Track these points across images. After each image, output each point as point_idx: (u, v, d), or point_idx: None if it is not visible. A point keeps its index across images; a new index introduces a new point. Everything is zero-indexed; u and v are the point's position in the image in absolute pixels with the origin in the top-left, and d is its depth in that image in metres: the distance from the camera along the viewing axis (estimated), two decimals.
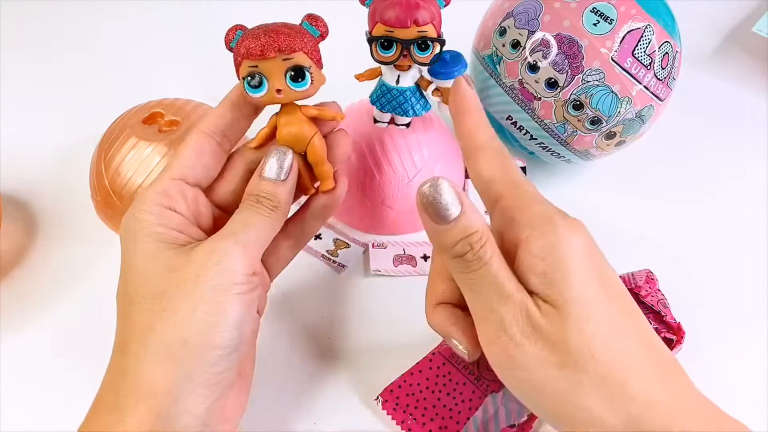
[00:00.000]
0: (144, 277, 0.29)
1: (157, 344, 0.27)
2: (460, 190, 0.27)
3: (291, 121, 0.33)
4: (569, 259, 0.25)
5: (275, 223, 0.32)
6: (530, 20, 0.44)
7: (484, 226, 0.27)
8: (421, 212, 0.27)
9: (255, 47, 0.30)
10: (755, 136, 0.58)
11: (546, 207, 0.27)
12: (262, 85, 0.31)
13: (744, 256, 0.48)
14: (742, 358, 0.42)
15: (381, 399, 0.38)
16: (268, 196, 0.31)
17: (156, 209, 0.30)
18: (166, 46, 0.66)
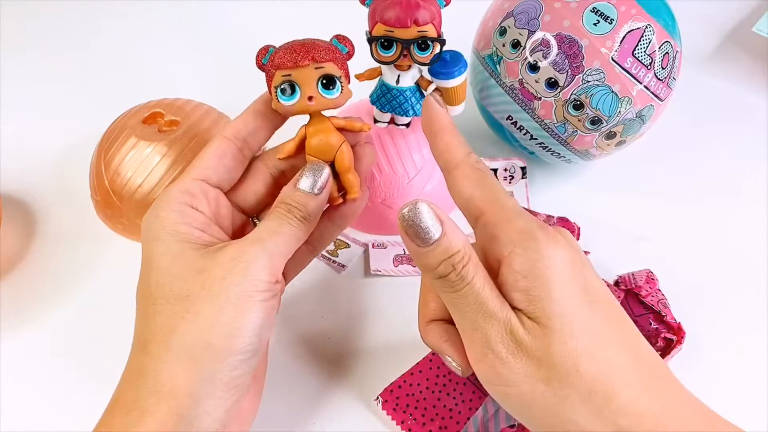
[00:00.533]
0: (168, 277, 0.29)
1: (179, 346, 0.28)
2: (440, 211, 0.27)
3: (320, 130, 0.34)
4: (551, 275, 0.26)
5: (302, 234, 0.32)
6: (530, 20, 0.44)
7: (467, 245, 0.27)
8: (403, 235, 0.27)
9: (290, 57, 0.31)
10: (755, 136, 0.58)
11: (527, 222, 0.27)
12: (295, 93, 0.32)
13: (744, 256, 0.48)
14: (742, 358, 0.42)
15: (381, 399, 0.38)
16: (300, 206, 0.32)
17: (179, 207, 0.31)
18: (166, 46, 0.66)
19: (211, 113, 0.46)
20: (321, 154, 0.34)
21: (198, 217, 0.31)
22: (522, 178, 0.52)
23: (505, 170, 0.53)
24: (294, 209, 0.32)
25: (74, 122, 0.57)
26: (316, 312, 0.44)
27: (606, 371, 0.25)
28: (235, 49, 0.64)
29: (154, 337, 0.28)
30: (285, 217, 0.31)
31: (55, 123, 0.58)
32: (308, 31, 0.65)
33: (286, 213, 0.32)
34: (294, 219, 0.31)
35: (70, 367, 0.41)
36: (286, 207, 0.32)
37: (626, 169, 0.54)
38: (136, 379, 0.28)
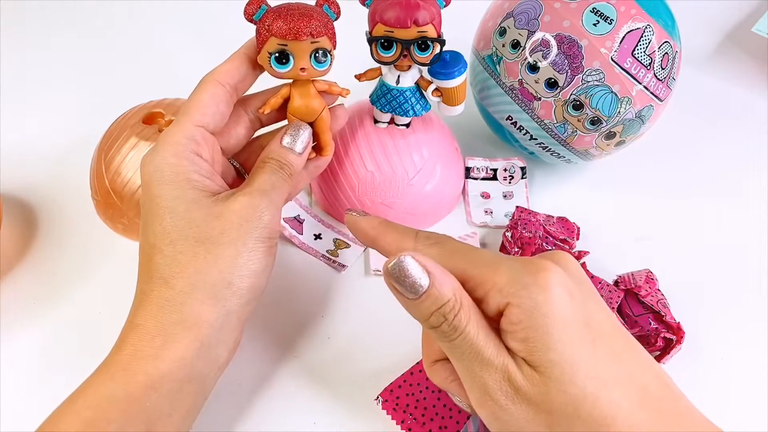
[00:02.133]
0: (186, 221, 0.31)
1: (204, 284, 0.31)
2: (426, 260, 0.26)
3: (304, 94, 0.37)
4: (548, 322, 0.25)
5: (291, 188, 0.36)
6: (530, 20, 0.44)
7: (458, 291, 0.26)
8: (390, 288, 0.27)
9: (289, 29, 0.33)
10: (755, 136, 0.58)
11: (510, 270, 0.26)
12: (288, 62, 0.34)
13: (744, 256, 0.48)
14: (742, 357, 0.42)
15: (381, 399, 0.38)
16: (288, 164, 0.35)
17: (188, 155, 0.33)
18: (167, 45, 0.66)
19: None
20: (303, 116, 0.37)
21: (204, 166, 0.34)
22: (522, 178, 0.52)
23: (505, 170, 0.53)
24: (285, 166, 0.35)
25: (74, 122, 0.57)
26: (316, 312, 0.44)
27: (610, 413, 0.24)
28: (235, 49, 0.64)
29: (178, 274, 0.31)
30: (279, 173, 0.35)
31: (55, 123, 0.58)
32: None
33: (279, 169, 0.35)
34: (285, 174, 0.35)
35: (70, 367, 0.41)
36: (278, 163, 0.35)
37: (626, 169, 0.54)
38: (158, 310, 0.31)
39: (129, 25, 0.69)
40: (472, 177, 0.52)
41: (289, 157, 0.36)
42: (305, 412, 0.39)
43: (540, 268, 0.26)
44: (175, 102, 0.46)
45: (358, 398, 0.40)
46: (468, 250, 0.28)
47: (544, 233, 0.45)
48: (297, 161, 0.36)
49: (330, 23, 0.35)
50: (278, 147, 0.36)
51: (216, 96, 0.35)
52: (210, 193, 0.33)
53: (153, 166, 0.32)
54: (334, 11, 0.35)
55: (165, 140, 0.33)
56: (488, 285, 0.26)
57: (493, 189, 0.52)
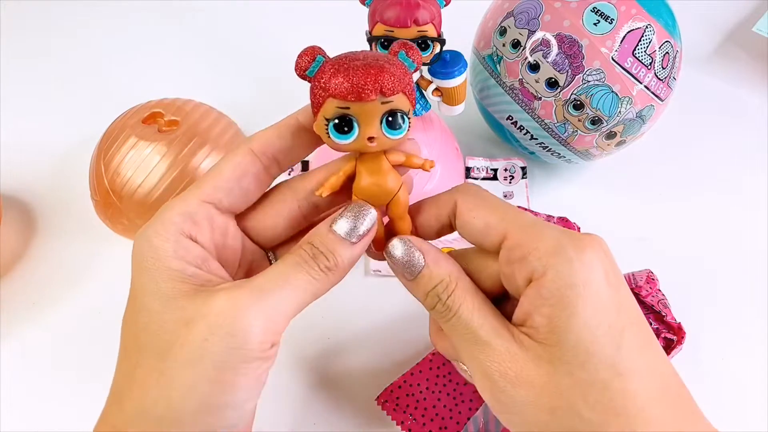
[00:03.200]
0: (157, 324, 0.25)
1: (150, 415, 0.24)
2: (422, 242, 0.27)
3: (375, 170, 0.27)
4: (579, 302, 0.23)
5: (323, 287, 0.26)
6: (530, 20, 0.44)
7: (453, 272, 0.26)
8: (391, 268, 0.27)
9: (351, 87, 0.25)
10: (756, 136, 0.57)
11: (556, 237, 0.25)
12: (352, 130, 0.26)
13: (745, 257, 0.48)
14: (742, 358, 0.42)
15: (381, 399, 0.38)
16: (328, 253, 0.26)
17: (174, 236, 0.26)
18: (166, 45, 0.66)
19: (211, 113, 0.46)
20: (373, 199, 0.28)
21: (194, 251, 0.26)
22: (522, 178, 0.52)
23: (506, 170, 0.53)
24: (320, 255, 0.26)
25: (74, 122, 0.57)
26: (315, 312, 0.44)
27: (621, 403, 0.23)
28: (235, 49, 0.64)
29: (129, 395, 0.25)
30: (305, 264, 0.26)
31: (54, 123, 0.57)
32: (308, 30, 0.66)
33: (309, 258, 0.26)
34: (316, 268, 0.26)
35: (70, 366, 0.41)
36: (312, 250, 0.26)
37: (626, 169, 0.54)
38: (103, 428, 0.26)
39: (129, 24, 0.69)
40: (472, 177, 0.52)
41: (336, 246, 0.26)
42: (305, 413, 0.39)
43: (586, 243, 0.25)
44: (174, 102, 0.46)
45: (358, 399, 0.40)
46: (512, 206, 0.27)
47: None
48: (346, 255, 0.26)
49: (407, 76, 0.26)
50: (323, 230, 0.27)
51: (241, 167, 0.28)
52: (193, 285, 0.25)
53: (136, 247, 0.26)
54: (413, 60, 0.27)
55: (157, 215, 0.27)
56: (528, 247, 0.25)
57: (494, 189, 0.52)
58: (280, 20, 0.66)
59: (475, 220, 0.27)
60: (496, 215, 0.27)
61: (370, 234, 0.27)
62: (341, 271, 0.27)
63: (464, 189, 0.29)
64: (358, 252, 0.27)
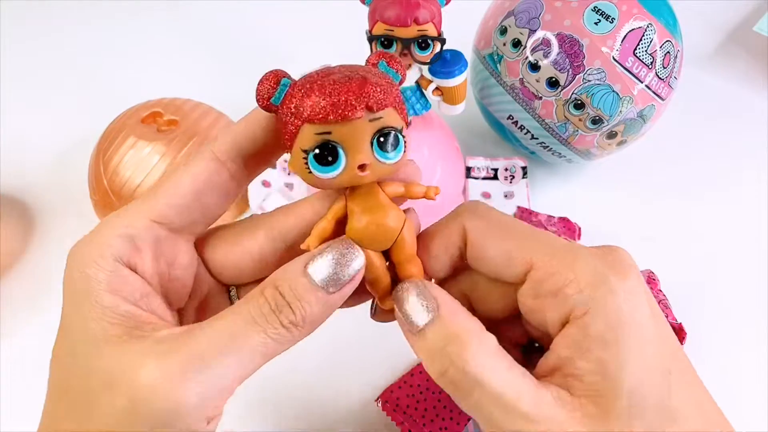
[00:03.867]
0: (80, 375, 0.21)
1: None
2: (437, 289, 0.22)
3: (371, 208, 0.22)
4: (631, 342, 0.20)
5: (281, 348, 0.21)
6: (531, 19, 0.44)
7: (474, 328, 0.21)
8: (396, 316, 0.23)
9: (331, 104, 0.20)
10: (757, 135, 0.57)
11: (593, 264, 0.21)
12: (338, 160, 0.21)
13: (745, 257, 0.48)
14: (743, 358, 0.42)
15: (381, 400, 0.38)
16: (295, 303, 0.21)
17: (110, 264, 0.21)
18: (165, 45, 0.66)
19: (210, 113, 0.46)
20: (373, 243, 0.22)
21: (133, 284, 0.22)
22: (523, 177, 0.52)
23: (506, 170, 0.52)
24: (286, 308, 0.21)
25: (73, 121, 0.57)
26: None
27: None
28: (234, 48, 0.64)
29: None
30: (263, 319, 0.20)
31: (53, 122, 0.57)
32: (308, 30, 0.66)
33: (270, 311, 0.20)
34: (277, 324, 0.20)
35: None
36: (275, 299, 0.21)
37: (627, 169, 0.54)
38: None
39: (128, 24, 0.69)
40: (472, 177, 0.52)
41: (308, 296, 0.21)
42: (305, 414, 0.39)
43: (625, 266, 0.21)
44: (173, 101, 0.46)
45: (358, 399, 0.39)
46: (536, 229, 0.23)
47: None
48: (316, 303, 0.21)
49: (394, 88, 0.22)
50: (297, 273, 0.21)
51: (202, 179, 0.22)
52: (129, 327, 0.21)
53: (67, 272, 0.22)
54: (397, 70, 0.22)
55: (94, 233, 0.22)
56: (563, 278, 0.21)
57: (494, 189, 0.52)
58: (279, 19, 0.66)
59: (492, 250, 0.23)
60: (517, 241, 0.23)
61: (353, 283, 0.22)
62: (309, 327, 0.21)
63: (471, 211, 0.24)
64: (334, 305, 0.21)
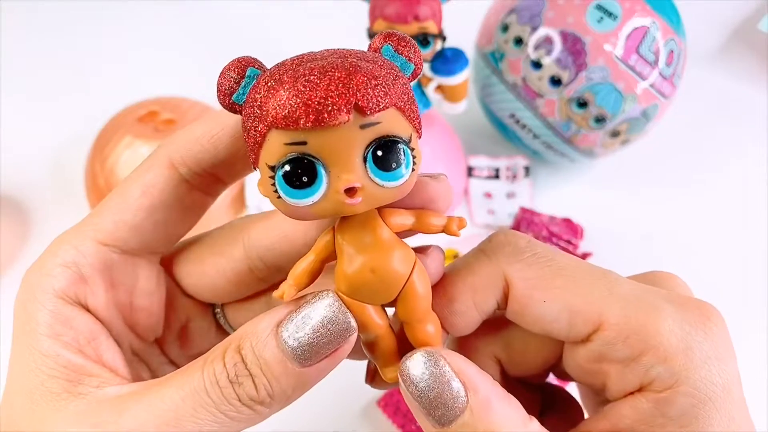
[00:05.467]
0: (6, 421, 0.18)
1: None
2: (463, 362, 0.17)
3: (367, 247, 0.17)
4: (715, 420, 0.17)
5: (240, 427, 0.17)
6: (533, 16, 0.43)
7: (516, 419, 0.17)
8: (406, 397, 0.17)
9: (303, 102, 0.15)
10: (760, 134, 0.57)
11: (680, 324, 0.18)
12: (317, 181, 0.15)
13: (749, 256, 0.48)
14: (745, 358, 0.42)
15: (382, 403, 0.38)
16: (259, 379, 0.16)
17: (51, 302, 0.18)
18: (163, 43, 0.66)
19: (208, 112, 0.46)
20: (369, 295, 0.17)
21: (78, 326, 0.18)
22: (525, 177, 0.52)
23: (508, 169, 0.52)
24: (246, 379, 0.16)
25: (69, 120, 0.56)
26: None
27: None
28: (231, 46, 0.63)
29: None
30: (216, 394, 0.16)
31: (50, 121, 0.57)
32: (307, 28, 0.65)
33: (227, 383, 0.16)
34: (235, 400, 0.16)
35: None
36: (235, 366, 0.16)
37: (630, 169, 0.53)
38: None
39: (125, 22, 0.68)
40: (474, 176, 0.51)
41: (275, 367, 0.16)
42: (305, 415, 0.39)
43: (713, 320, 0.19)
44: (171, 100, 0.46)
45: (359, 401, 0.39)
46: (593, 272, 0.19)
47: (548, 233, 0.45)
48: (289, 383, 0.17)
49: (400, 80, 0.16)
50: (266, 334, 0.16)
51: (154, 191, 0.18)
52: (69, 382, 0.17)
53: (15, 304, 0.19)
54: (409, 57, 0.17)
55: (40, 258, 0.19)
56: (644, 344, 0.17)
57: (496, 188, 0.51)
58: (278, 17, 0.66)
59: (549, 305, 0.18)
60: (581, 292, 0.18)
61: (337, 357, 0.17)
62: (278, 406, 0.17)
63: (513, 251, 0.19)
64: (310, 382, 0.17)
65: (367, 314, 0.17)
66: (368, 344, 0.18)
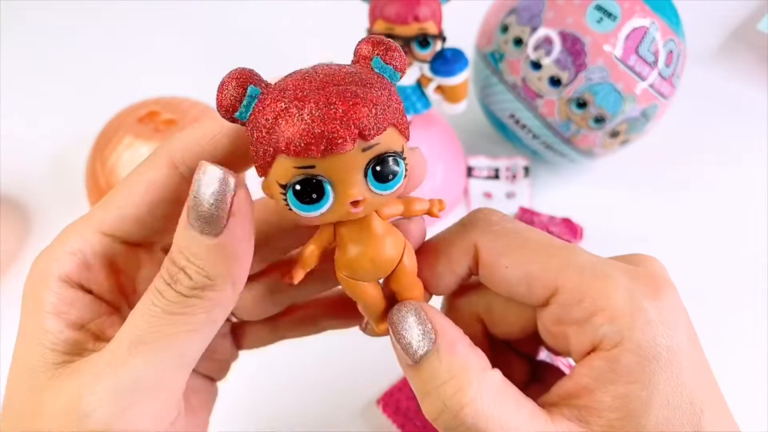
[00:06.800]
0: (9, 402, 0.19)
1: None
2: (438, 316, 0.20)
3: (364, 237, 0.19)
4: (662, 379, 0.19)
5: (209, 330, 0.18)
6: (533, 17, 0.43)
7: (474, 367, 0.19)
8: (394, 347, 0.21)
9: (313, 137, 0.16)
10: (760, 135, 0.57)
11: (628, 287, 0.19)
12: (324, 196, 0.17)
13: (749, 258, 0.48)
14: (746, 359, 0.42)
15: (382, 402, 0.38)
16: (191, 269, 0.17)
17: (56, 285, 0.19)
18: (163, 43, 0.66)
19: (208, 112, 0.46)
20: (367, 276, 0.20)
21: (82, 306, 0.19)
22: (525, 177, 0.52)
23: (508, 169, 0.52)
24: (179, 276, 0.17)
25: (70, 121, 0.56)
26: None
27: None
28: (232, 46, 0.63)
29: None
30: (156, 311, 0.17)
31: (50, 122, 0.57)
32: (307, 28, 0.65)
33: (163, 291, 0.17)
34: (176, 304, 0.17)
35: None
36: (167, 271, 0.18)
37: (630, 169, 0.53)
38: None
39: (125, 22, 0.68)
40: (474, 176, 0.51)
41: (194, 248, 0.17)
42: (305, 415, 0.39)
43: (661, 283, 0.20)
44: (171, 100, 0.46)
45: (358, 401, 0.39)
46: (553, 242, 0.21)
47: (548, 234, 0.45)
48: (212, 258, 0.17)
49: (393, 98, 0.17)
50: (182, 227, 0.18)
51: (155, 189, 0.20)
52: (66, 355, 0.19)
53: (26, 282, 0.20)
54: (395, 65, 0.18)
55: (50, 246, 0.20)
56: (593, 306, 0.19)
57: (496, 188, 0.51)
58: (278, 18, 0.66)
59: (510, 270, 0.20)
60: (540, 259, 0.20)
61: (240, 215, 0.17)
62: (225, 286, 0.18)
63: (484, 224, 0.21)
64: (237, 251, 0.17)
65: (364, 290, 0.20)
66: (363, 307, 0.22)
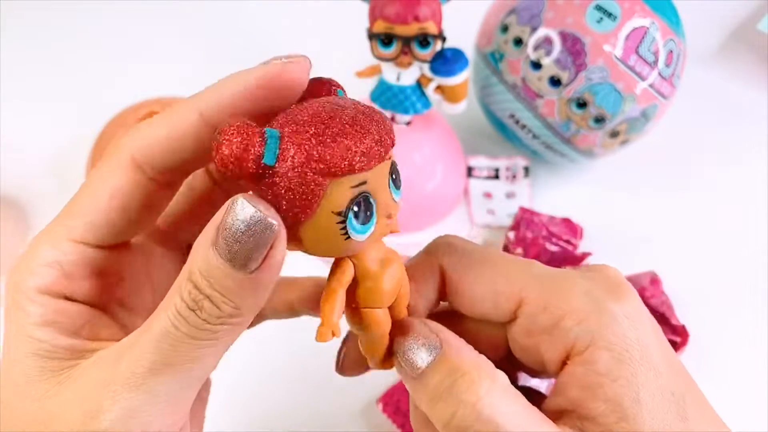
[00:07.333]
0: (9, 418, 0.18)
1: None
2: (438, 325, 0.20)
3: (387, 259, 0.19)
4: (641, 374, 0.19)
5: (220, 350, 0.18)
6: (533, 17, 0.43)
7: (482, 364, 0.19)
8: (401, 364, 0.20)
9: (366, 147, 0.17)
10: (760, 135, 0.57)
11: (586, 289, 0.20)
12: (374, 213, 0.17)
13: (749, 258, 0.48)
14: (746, 359, 0.42)
15: (382, 402, 0.38)
16: (219, 299, 0.17)
17: (39, 298, 0.18)
18: (162, 44, 0.66)
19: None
20: (388, 297, 0.20)
21: (72, 313, 0.19)
22: (525, 177, 0.52)
23: (508, 169, 0.52)
24: (205, 304, 0.17)
25: (70, 122, 0.56)
26: None
27: None
28: (231, 46, 0.63)
29: None
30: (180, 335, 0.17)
31: (50, 122, 0.57)
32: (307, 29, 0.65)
33: (188, 317, 0.17)
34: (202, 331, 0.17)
35: None
36: (189, 295, 0.17)
37: (630, 169, 0.53)
38: None
39: (125, 23, 0.68)
40: (474, 176, 0.51)
41: (225, 282, 0.16)
42: (305, 415, 0.39)
43: (620, 285, 0.20)
44: (171, 100, 0.46)
45: (359, 401, 0.39)
46: (512, 259, 0.21)
47: (548, 233, 0.45)
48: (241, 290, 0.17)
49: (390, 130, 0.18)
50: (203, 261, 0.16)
51: (121, 192, 0.19)
52: (63, 360, 0.18)
53: (6, 298, 0.19)
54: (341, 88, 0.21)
55: (24, 257, 0.19)
56: (559, 311, 0.20)
57: (496, 188, 0.51)
58: (278, 18, 0.66)
59: (476, 288, 0.21)
60: (502, 272, 0.21)
61: (276, 255, 0.16)
62: (250, 311, 0.17)
63: (447, 247, 0.22)
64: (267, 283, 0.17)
65: (380, 318, 0.20)
66: (376, 339, 0.21)
